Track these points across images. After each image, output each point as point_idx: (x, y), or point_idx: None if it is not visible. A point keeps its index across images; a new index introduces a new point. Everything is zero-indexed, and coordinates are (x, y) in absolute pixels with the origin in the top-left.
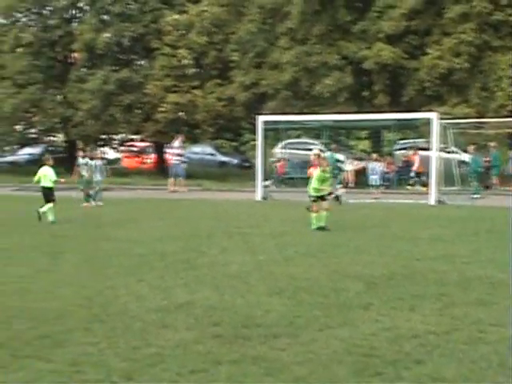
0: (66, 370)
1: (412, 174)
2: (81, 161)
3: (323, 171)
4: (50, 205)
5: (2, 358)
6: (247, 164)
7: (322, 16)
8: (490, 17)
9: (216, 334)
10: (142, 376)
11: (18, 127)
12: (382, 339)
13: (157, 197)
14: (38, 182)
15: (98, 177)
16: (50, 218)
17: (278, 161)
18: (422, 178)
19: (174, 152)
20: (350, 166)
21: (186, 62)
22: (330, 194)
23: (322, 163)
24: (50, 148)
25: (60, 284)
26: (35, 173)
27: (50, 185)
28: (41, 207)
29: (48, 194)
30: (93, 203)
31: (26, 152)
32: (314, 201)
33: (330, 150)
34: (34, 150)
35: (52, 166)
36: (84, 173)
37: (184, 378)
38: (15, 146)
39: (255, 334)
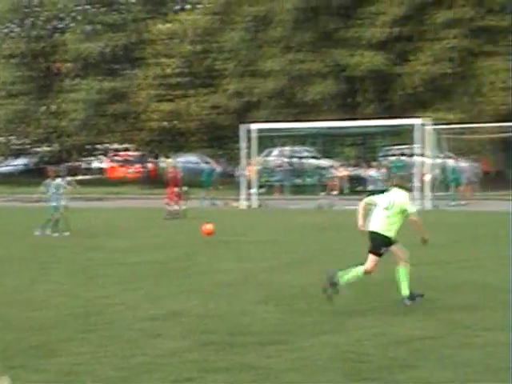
0: (59, 381)
1: None
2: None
3: None
4: None
5: None
6: (231, 173)
7: (311, 24)
8: (479, 22)
9: (208, 342)
10: None
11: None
12: (374, 344)
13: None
14: None
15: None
16: None
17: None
18: None
19: None
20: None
21: (170, 70)
22: None
23: None
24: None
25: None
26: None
27: None
28: None
29: None
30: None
31: (19, 162)
32: None
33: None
34: (27, 161)
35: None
36: None
37: None
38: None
39: (247, 341)
